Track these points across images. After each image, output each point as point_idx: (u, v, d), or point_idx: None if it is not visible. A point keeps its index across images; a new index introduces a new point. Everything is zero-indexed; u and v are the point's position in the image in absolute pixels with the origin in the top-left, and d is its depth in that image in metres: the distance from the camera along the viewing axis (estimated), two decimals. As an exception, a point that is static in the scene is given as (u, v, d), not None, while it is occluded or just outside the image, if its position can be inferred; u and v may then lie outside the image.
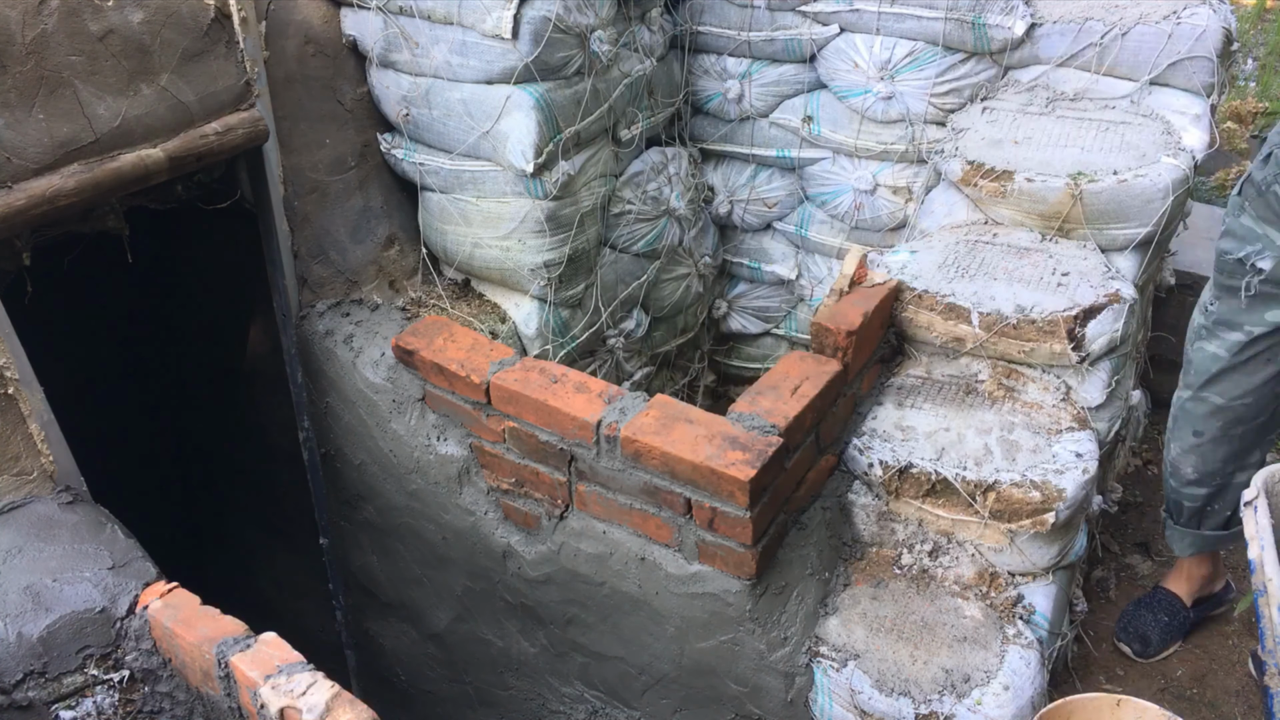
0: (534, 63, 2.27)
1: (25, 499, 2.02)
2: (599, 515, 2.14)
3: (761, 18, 2.83)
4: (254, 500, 3.29)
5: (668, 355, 3.15)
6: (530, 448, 2.18)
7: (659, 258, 2.85)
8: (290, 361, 2.56)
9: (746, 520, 1.88)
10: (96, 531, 1.96)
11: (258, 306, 2.59)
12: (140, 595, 1.86)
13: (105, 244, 2.24)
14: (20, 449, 2.03)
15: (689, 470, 1.91)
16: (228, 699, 1.73)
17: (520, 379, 2.15)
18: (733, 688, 2.06)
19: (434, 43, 2.35)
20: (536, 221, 2.44)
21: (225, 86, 2.16)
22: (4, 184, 1.86)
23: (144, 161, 2.02)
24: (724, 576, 1.99)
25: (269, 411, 2.92)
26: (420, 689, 2.87)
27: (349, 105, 2.51)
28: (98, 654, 1.82)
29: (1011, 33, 2.55)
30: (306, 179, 2.45)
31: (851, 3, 2.68)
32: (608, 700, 2.35)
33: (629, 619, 2.16)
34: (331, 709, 1.55)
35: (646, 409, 2.03)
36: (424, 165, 2.51)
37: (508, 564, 2.33)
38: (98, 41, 1.94)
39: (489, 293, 2.68)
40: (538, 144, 2.32)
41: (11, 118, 1.85)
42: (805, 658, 1.97)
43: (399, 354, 2.36)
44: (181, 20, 2.05)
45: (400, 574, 2.66)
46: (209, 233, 2.74)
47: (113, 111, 1.98)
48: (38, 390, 2.02)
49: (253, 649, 1.69)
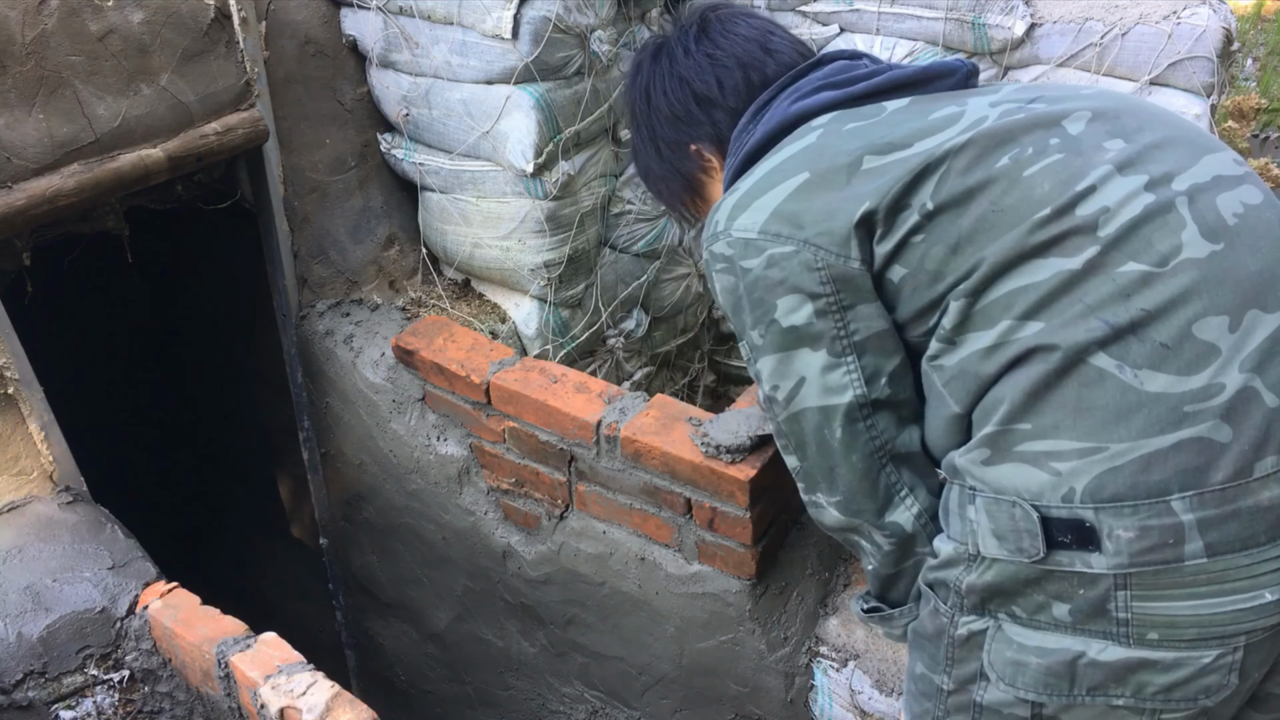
0: (534, 63, 2.27)
1: (25, 499, 2.02)
2: (599, 515, 2.14)
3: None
4: (254, 500, 3.29)
5: (668, 355, 3.15)
6: (530, 448, 2.18)
7: (659, 258, 2.85)
8: (290, 361, 2.56)
9: (747, 520, 1.88)
10: (96, 531, 1.96)
11: (258, 306, 2.58)
12: (140, 595, 1.86)
13: (105, 244, 2.24)
14: (20, 449, 2.03)
15: (689, 470, 1.91)
16: (228, 699, 1.73)
17: (520, 379, 2.15)
18: (733, 688, 2.07)
19: (434, 43, 2.35)
20: (536, 221, 2.44)
21: (225, 86, 2.16)
22: (4, 184, 1.86)
23: (144, 161, 2.02)
24: (724, 576, 1.99)
25: (269, 411, 2.92)
26: (420, 689, 2.87)
27: (349, 105, 2.51)
28: (98, 654, 1.82)
29: (1011, 33, 2.55)
30: (306, 179, 2.45)
31: (851, 3, 2.68)
32: (608, 700, 2.35)
33: (629, 619, 2.16)
34: (331, 709, 1.55)
35: (646, 409, 2.03)
36: (424, 165, 2.51)
37: (508, 564, 2.33)
38: (98, 41, 1.94)
39: (489, 293, 2.68)
40: (538, 144, 2.32)
41: (11, 118, 1.85)
42: (805, 658, 1.97)
43: (399, 354, 2.36)
44: (181, 20, 2.05)
45: (400, 574, 2.66)
46: (209, 233, 2.74)
47: (113, 111, 1.98)
48: (38, 390, 2.02)
49: (253, 649, 1.69)
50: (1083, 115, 1.26)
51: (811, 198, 1.27)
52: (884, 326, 1.29)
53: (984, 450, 1.20)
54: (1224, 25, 2.43)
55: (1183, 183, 1.19)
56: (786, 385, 1.33)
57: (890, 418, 1.32)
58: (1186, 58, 2.44)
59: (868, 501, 1.34)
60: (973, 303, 1.20)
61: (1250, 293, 1.13)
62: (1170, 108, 2.48)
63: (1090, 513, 1.11)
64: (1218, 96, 2.47)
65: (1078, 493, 1.12)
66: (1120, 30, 2.49)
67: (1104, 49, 2.52)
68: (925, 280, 1.24)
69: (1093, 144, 1.23)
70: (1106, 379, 1.12)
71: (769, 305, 1.30)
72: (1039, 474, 1.15)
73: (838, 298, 1.27)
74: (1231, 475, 1.09)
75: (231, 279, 2.81)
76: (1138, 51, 2.49)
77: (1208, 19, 2.43)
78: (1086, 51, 2.54)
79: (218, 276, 2.95)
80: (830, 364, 1.29)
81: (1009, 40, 2.58)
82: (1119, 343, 1.12)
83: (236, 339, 2.96)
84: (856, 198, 1.25)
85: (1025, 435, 1.16)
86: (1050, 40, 2.57)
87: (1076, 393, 1.13)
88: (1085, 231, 1.17)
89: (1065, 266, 1.15)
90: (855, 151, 1.27)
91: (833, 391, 1.30)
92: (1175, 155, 1.22)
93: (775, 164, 1.33)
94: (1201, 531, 1.08)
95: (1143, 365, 1.11)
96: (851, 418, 1.30)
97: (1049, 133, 1.24)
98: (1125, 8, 2.54)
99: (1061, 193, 1.18)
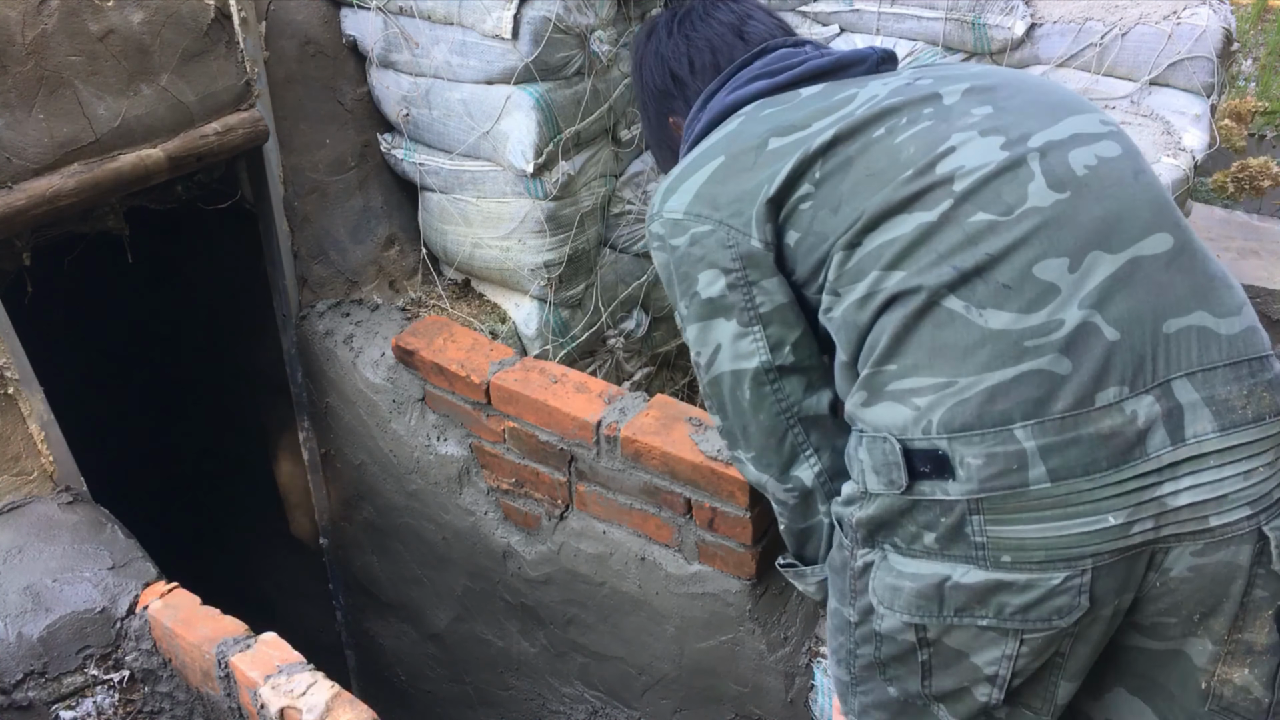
0: (534, 63, 2.27)
1: (25, 499, 2.02)
2: (599, 515, 2.14)
3: (761, 18, 2.82)
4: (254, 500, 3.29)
5: (668, 355, 3.15)
6: (530, 448, 2.18)
7: (659, 258, 2.85)
8: (290, 361, 2.56)
9: (747, 520, 1.88)
10: (96, 531, 1.96)
11: (258, 306, 2.58)
12: (140, 595, 1.86)
13: (105, 244, 2.24)
14: (20, 449, 2.03)
15: (689, 470, 1.91)
16: (228, 699, 1.73)
17: (520, 379, 2.15)
18: (733, 688, 2.07)
19: (434, 43, 2.35)
20: (536, 221, 2.44)
21: (225, 86, 2.16)
22: (4, 184, 1.86)
23: (144, 162, 2.02)
24: (724, 576, 1.99)
25: (269, 411, 2.92)
26: (420, 689, 2.87)
27: (349, 105, 2.51)
28: (98, 654, 1.82)
29: (1011, 33, 2.55)
30: (306, 179, 2.45)
31: (851, 3, 2.68)
32: (608, 700, 2.35)
33: (629, 619, 2.16)
34: (331, 709, 1.55)
35: (646, 409, 2.03)
36: (424, 165, 2.51)
37: (508, 564, 2.33)
38: (98, 41, 1.94)
39: (489, 293, 2.68)
40: (538, 144, 2.32)
41: (11, 118, 1.85)
42: (805, 658, 1.97)
43: (399, 354, 2.36)
44: (181, 20, 2.05)
45: (400, 574, 2.66)
46: (209, 233, 2.74)
47: (113, 112, 1.98)
48: (38, 390, 2.02)
49: (253, 649, 1.69)
50: (959, 88, 1.36)
51: (726, 180, 1.40)
52: (784, 300, 1.40)
53: (863, 393, 1.30)
54: (1224, 25, 2.44)
55: (1038, 140, 1.29)
56: (706, 351, 1.46)
57: (797, 382, 1.43)
58: (1186, 58, 2.45)
59: (774, 457, 1.47)
60: (848, 256, 1.31)
61: (1092, 236, 1.22)
62: (1170, 107, 2.48)
63: (945, 442, 1.20)
64: (1217, 96, 2.47)
65: (934, 425, 1.21)
66: (1120, 30, 2.49)
67: (1104, 49, 2.52)
68: (814, 242, 1.35)
69: (961, 111, 1.33)
70: (955, 319, 1.22)
71: (692, 279, 1.43)
72: (904, 410, 1.24)
73: (744, 274, 1.39)
74: (1071, 405, 1.16)
75: (231, 279, 2.80)
76: (1138, 51, 2.49)
77: (1208, 19, 2.43)
78: (1086, 51, 2.54)
79: (218, 276, 2.95)
80: (740, 333, 1.42)
81: (1009, 40, 2.58)
82: (966, 285, 1.22)
83: (236, 339, 2.96)
84: (762, 179, 1.36)
85: (892, 375, 1.26)
86: (1050, 40, 2.57)
87: (931, 333, 1.23)
88: (942, 186, 1.27)
89: (924, 220, 1.26)
90: (762, 135, 1.40)
91: (742, 357, 1.42)
92: (1037, 118, 1.32)
93: (701, 149, 1.46)
94: (1044, 457, 1.16)
95: (986, 305, 1.21)
96: (759, 381, 1.42)
97: (925, 104, 1.35)
98: (1125, 8, 2.54)
99: (925, 154, 1.29)
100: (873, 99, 1.37)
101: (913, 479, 1.23)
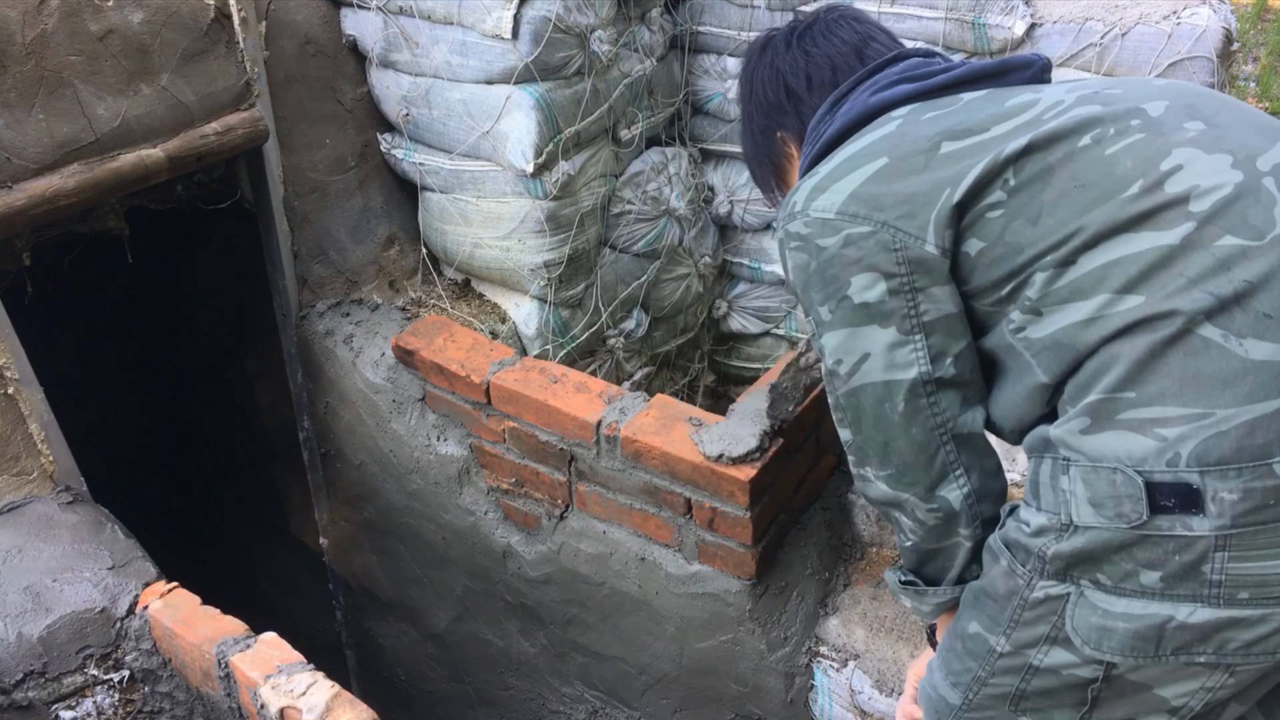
0: (534, 63, 2.27)
1: (25, 499, 2.02)
2: (599, 515, 2.14)
3: (762, 18, 2.83)
4: (254, 500, 3.29)
5: (668, 355, 3.15)
6: (530, 448, 2.18)
7: (659, 258, 2.85)
8: (290, 361, 2.56)
9: (747, 520, 1.88)
10: (96, 531, 1.97)
11: (258, 306, 2.59)
12: (140, 595, 1.86)
13: (105, 244, 2.24)
14: (20, 449, 2.03)
15: (689, 470, 1.91)
16: (228, 699, 1.73)
17: (520, 379, 2.15)
18: (733, 688, 2.06)
19: (434, 43, 2.35)
20: (536, 221, 2.44)
21: (225, 86, 2.16)
22: (4, 184, 1.86)
23: (144, 161, 2.02)
24: (724, 576, 1.99)
25: (269, 411, 2.92)
26: (420, 689, 2.87)
27: (349, 105, 2.51)
28: (98, 654, 1.82)
29: (1011, 33, 2.55)
30: (306, 179, 2.45)
31: (852, 3, 2.68)
32: (608, 700, 2.35)
33: (629, 619, 2.16)
34: (331, 709, 1.55)
35: (646, 409, 2.03)
36: (424, 165, 2.51)
37: (508, 564, 2.33)
38: (98, 41, 1.94)
39: (489, 293, 2.68)
40: (538, 144, 2.32)
41: (11, 118, 1.86)
42: (805, 658, 1.97)
43: (399, 354, 2.36)
44: (181, 20, 2.05)
45: (400, 574, 2.66)
46: (209, 233, 2.74)
47: (113, 111, 1.98)
48: (38, 390, 2.02)
49: (253, 649, 1.69)
50: (1161, 101, 1.31)
51: (891, 181, 1.32)
52: (953, 310, 1.33)
53: (1084, 419, 1.22)
54: (1224, 25, 2.43)
55: (1266, 163, 1.23)
56: (850, 360, 1.37)
57: (954, 397, 1.35)
58: (1186, 58, 2.44)
59: (921, 474, 1.38)
60: (1060, 274, 1.24)
61: None
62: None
63: (1196, 476, 1.14)
64: (1218, 96, 2.47)
65: (1183, 457, 1.15)
66: (1120, 30, 2.49)
67: (1104, 49, 2.52)
68: (1003, 252, 1.28)
69: (1173, 125, 1.27)
70: (1211, 348, 1.16)
71: (842, 282, 1.35)
72: (1145, 440, 1.18)
73: (911, 279, 1.32)
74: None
75: (231, 279, 2.81)
76: (1138, 51, 2.49)
77: (1208, 19, 2.43)
78: (1086, 51, 2.54)
79: (218, 276, 2.95)
80: (898, 341, 1.33)
81: (1009, 40, 2.58)
82: (1224, 313, 1.16)
83: (237, 339, 2.96)
84: (935, 182, 1.30)
85: (1130, 403, 1.19)
86: (1050, 40, 2.57)
87: (1182, 361, 1.17)
88: (1176, 206, 1.20)
89: (1162, 241, 1.19)
90: (933, 138, 1.33)
91: (898, 367, 1.34)
92: (1252, 137, 1.27)
93: (855, 150, 1.39)
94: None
95: (1247, 334, 1.16)
96: (915, 393, 1.34)
97: (1130, 114, 1.28)
98: (1125, 8, 2.54)
99: (1146, 169, 1.23)
100: (1058, 105, 1.31)
101: (1153, 513, 1.17)
